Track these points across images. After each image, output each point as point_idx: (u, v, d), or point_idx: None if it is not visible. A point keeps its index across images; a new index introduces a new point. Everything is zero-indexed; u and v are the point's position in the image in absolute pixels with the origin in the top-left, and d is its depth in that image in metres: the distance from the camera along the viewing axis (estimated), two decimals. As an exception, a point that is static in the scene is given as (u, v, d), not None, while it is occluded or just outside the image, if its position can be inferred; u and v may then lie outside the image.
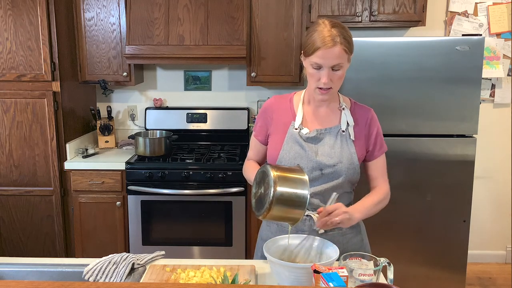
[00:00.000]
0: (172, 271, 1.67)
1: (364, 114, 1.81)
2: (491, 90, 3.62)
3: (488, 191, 3.76)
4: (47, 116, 3.09)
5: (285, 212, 1.48)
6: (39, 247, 3.23)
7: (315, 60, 1.66)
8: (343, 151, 1.74)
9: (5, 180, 3.16)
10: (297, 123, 1.79)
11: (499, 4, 3.48)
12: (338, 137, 1.76)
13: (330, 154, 1.73)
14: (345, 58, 1.68)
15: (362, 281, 1.41)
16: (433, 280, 3.13)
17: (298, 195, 1.47)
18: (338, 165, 1.72)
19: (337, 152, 1.74)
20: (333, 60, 1.65)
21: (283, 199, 1.45)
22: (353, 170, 1.74)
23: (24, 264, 1.74)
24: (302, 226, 1.74)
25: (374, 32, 3.50)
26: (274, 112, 1.87)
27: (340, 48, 1.64)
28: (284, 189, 1.46)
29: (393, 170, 3.01)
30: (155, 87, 3.72)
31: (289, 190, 1.46)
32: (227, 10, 3.16)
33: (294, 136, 1.78)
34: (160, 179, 3.08)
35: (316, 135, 1.76)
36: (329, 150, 1.74)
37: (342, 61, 1.66)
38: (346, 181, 1.75)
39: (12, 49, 3.03)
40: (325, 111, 1.80)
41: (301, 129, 1.78)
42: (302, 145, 1.75)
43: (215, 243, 3.18)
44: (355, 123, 1.78)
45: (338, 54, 1.64)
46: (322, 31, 1.66)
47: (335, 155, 1.73)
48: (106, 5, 3.25)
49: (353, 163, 1.74)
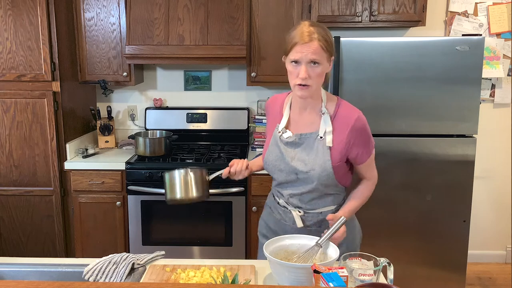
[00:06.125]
0: (172, 271, 1.67)
1: (347, 119, 1.76)
2: (491, 90, 3.62)
3: (488, 191, 3.76)
4: (47, 116, 3.09)
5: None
6: (39, 247, 3.23)
7: (293, 56, 1.70)
8: (317, 158, 1.76)
9: (5, 180, 3.16)
10: (280, 127, 1.84)
11: (499, 4, 3.48)
12: (315, 143, 1.77)
13: (304, 160, 1.77)
14: (323, 56, 1.68)
15: (362, 281, 1.41)
16: (433, 280, 3.13)
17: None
18: (310, 172, 1.76)
19: (311, 159, 1.76)
20: (310, 55, 1.66)
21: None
22: (326, 176, 1.76)
23: (24, 264, 1.74)
24: (285, 217, 1.88)
25: (374, 32, 3.50)
26: (269, 113, 1.96)
27: (317, 43, 1.66)
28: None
29: (393, 170, 3.04)
30: (155, 87, 3.72)
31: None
32: (227, 10, 3.16)
33: (276, 139, 1.84)
34: (160, 179, 3.08)
35: (295, 140, 1.80)
36: (304, 156, 1.78)
37: (319, 57, 1.68)
38: (320, 185, 1.78)
39: (12, 49, 3.03)
40: (308, 116, 1.82)
41: (283, 132, 1.82)
42: (281, 149, 1.82)
43: (215, 243, 3.18)
44: (336, 128, 1.76)
45: (314, 49, 1.66)
46: (301, 29, 1.71)
47: (309, 162, 1.77)
48: (106, 5, 3.25)
49: (326, 170, 1.75)
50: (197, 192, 1.78)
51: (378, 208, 3.04)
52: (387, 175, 3.01)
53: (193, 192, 1.78)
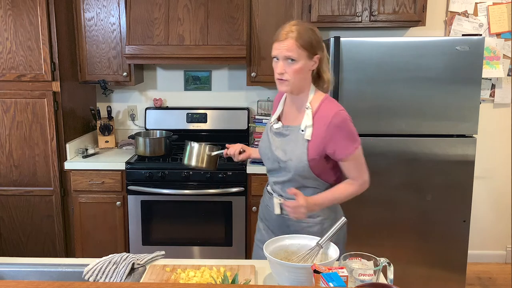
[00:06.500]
0: (172, 271, 1.67)
1: (325, 117, 1.82)
2: (491, 90, 3.62)
3: (488, 191, 3.76)
4: (47, 116, 3.09)
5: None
6: (39, 247, 3.23)
7: (272, 52, 1.84)
8: (295, 150, 1.85)
9: (5, 180, 3.16)
10: (273, 117, 1.99)
11: (499, 4, 3.48)
12: (297, 135, 1.87)
13: (285, 150, 1.88)
14: (299, 53, 1.78)
15: (362, 281, 1.41)
16: (433, 280, 3.13)
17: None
18: (288, 162, 1.86)
19: (290, 150, 1.87)
20: (284, 51, 1.78)
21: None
22: (302, 168, 1.84)
23: (24, 264, 1.74)
24: (269, 203, 2.01)
25: (374, 32, 3.50)
26: (274, 105, 2.10)
27: (291, 41, 1.77)
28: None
29: (393, 170, 3.04)
30: (155, 87, 3.72)
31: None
32: (227, 10, 3.16)
33: (268, 128, 2.01)
34: (160, 179, 3.08)
35: (281, 131, 1.92)
36: (285, 146, 1.89)
37: (295, 54, 1.78)
38: (298, 176, 1.87)
39: (12, 49, 3.03)
40: (296, 110, 1.92)
41: (275, 123, 1.96)
42: (269, 138, 1.96)
43: (215, 243, 3.18)
44: (316, 124, 1.84)
45: (288, 46, 1.77)
46: (283, 27, 1.83)
47: (288, 152, 1.87)
48: (106, 5, 3.25)
49: (302, 161, 1.83)
50: (206, 164, 2.22)
51: (378, 208, 3.04)
52: (387, 175, 3.01)
53: (204, 163, 2.22)
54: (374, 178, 3.00)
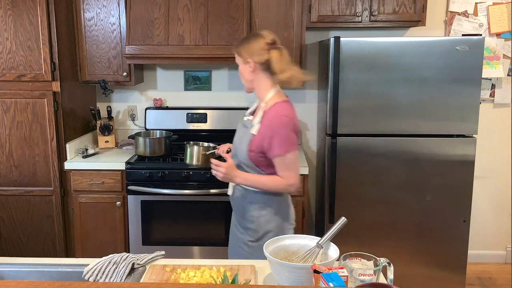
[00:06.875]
0: (172, 271, 1.67)
1: (270, 117, 2.05)
2: (491, 90, 3.62)
3: (488, 191, 3.76)
4: (47, 116, 3.09)
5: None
6: (39, 247, 3.23)
7: None
8: (243, 141, 2.12)
9: (5, 180, 3.16)
10: (248, 112, 2.25)
11: (499, 4, 3.48)
12: (250, 129, 2.10)
13: (238, 140, 2.18)
14: (238, 59, 2.16)
15: (362, 281, 1.41)
16: (433, 280, 3.13)
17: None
18: (236, 150, 2.16)
19: (241, 140, 2.14)
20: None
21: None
22: (244, 157, 2.10)
23: (24, 264, 1.74)
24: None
25: (374, 32, 3.50)
26: None
27: (234, 50, 2.17)
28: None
29: (393, 170, 3.04)
30: (155, 87, 3.72)
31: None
32: (227, 10, 3.16)
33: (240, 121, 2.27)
34: (160, 179, 3.08)
35: (244, 124, 2.18)
36: (241, 137, 2.15)
37: (236, 60, 2.17)
38: (242, 164, 2.12)
39: (12, 49, 3.03)
40: (259, 107, 2.15)
41: (247, 116, 2.22)
42: (237, 129, 2.24)
43: (215, 243, 3.18)
44: (263, 122, 2.07)
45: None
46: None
47: (238, 141, 2.16)
48: (106, 5, 3.25)
49: (243, 151, 2.09)
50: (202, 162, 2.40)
51: (378, 208, 3.04)
52: (387, 175, 3.01)
53: (200, 162, 2.40)
54: (374, 178, 3.03)
